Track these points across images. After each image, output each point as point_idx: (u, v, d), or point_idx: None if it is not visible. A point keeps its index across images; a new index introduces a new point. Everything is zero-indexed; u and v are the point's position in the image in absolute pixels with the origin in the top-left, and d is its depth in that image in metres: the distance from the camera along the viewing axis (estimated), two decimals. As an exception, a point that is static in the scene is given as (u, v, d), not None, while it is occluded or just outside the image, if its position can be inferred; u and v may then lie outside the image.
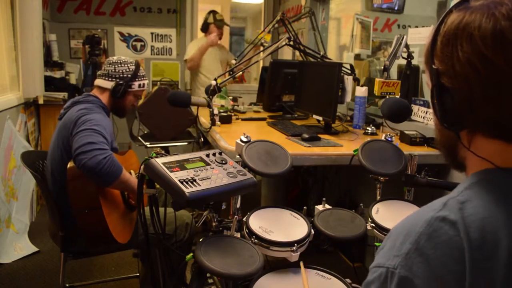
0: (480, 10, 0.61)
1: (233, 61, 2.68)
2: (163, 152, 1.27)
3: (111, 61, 1.98)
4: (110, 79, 1.95)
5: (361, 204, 1.56)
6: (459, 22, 0.63)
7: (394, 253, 0.62)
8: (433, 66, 0.66)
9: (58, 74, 3.99)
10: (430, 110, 2.14)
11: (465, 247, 0.58)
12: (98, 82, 1.98)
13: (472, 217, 0.60)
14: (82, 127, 1.68)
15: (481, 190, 0.63)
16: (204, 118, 2.42)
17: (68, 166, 1.68)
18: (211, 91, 2.11)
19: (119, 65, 1.97)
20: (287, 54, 4.51)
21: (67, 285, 2.28)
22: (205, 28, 4.23)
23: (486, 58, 0.59)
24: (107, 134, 1.73)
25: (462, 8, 0.64)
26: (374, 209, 1.48)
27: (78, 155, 1.60)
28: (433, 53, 0.66)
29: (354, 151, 1.54)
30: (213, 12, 4.25)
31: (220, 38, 4.23)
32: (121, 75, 1.96)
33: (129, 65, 1.99)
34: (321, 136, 2.05)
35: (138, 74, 2.01)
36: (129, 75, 1.97)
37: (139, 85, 2.02)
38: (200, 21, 5.16)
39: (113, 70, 1.96)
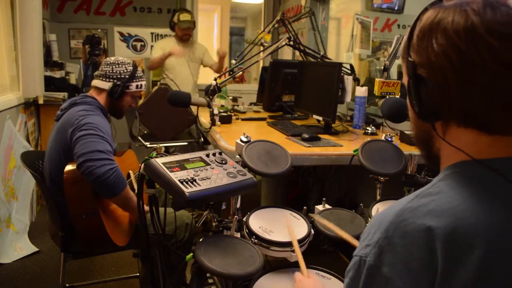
0: (453, 7, 0.66)
1: (233, 61, 2.67)
2: (163, 150, 1.27)
3: (109, 62, 1.96)
4: (107, 80, 1.94)
5: (361, 204, 1.56)
6: (434, 18, 0.67)
7: (366, 242, 0.66)
8: (409, 59, 0.69)
9: (58, 74, 3.99)
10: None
11: (435, 236, 0.59)
12: (96, 82, 1.96)
13: (443, 207, 0.62)
14: (86, 132, 1.67)
15: (454, 181, 0.66)
16: (204, 118, 2.42)
17: (66, 169, 1.67)
18: (211, 91, 2.11)
19: (117, 66, 1.95)
20: (287, 54, 4.51)
21: (67, 285, 2.28)
22: (172, 27, 4.06)
23: (459, 50, 0.63)
24: (110, 140, 1.72)
25: (436, 6, 0.68)
26: (374, 209, 1.48)
27: (85, 162, 1.58)
28: (409, 47, 0.70)
29: (354, 151, 1.54)
30: (180, 10, 4.06)
31: (187, 38, 4.05)
32: (119, 76, 1.94)
33: (126, 65, 1.97)
34: (321, 136, 2.05)
35: (136, 75, 1.99)
36: (127, 76, 1.95)
37: (137, 86, 2.00)
38: (200, 21, 5.16)
39: (111, 71, 1.94)
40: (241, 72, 2.28)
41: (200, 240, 1.20)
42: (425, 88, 0.67)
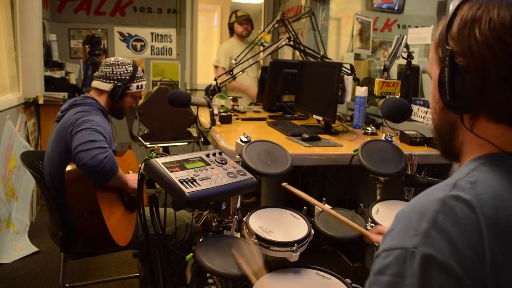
0: (497, 1, 0.65)
1: (233, 61, 2.67)
2: (161, 150, 1.27)
3: (109, 63, 1.95)
4: (108, 81, 1.93)
5: (361, 204, 1.56)
6: (477, 9, 0.66)
7: (411, 233, 0.61)
8: (447, 47, 0.67)
9: (58, 74, 3.99)
10: (430, 110, 2.13)
11: (482, 223, 0.59)
12: (96, 84, 1.96)
13: (484, 196, 0.61)
14: (82, 127, 1.67)
15: (489, 171, 0.65)
16: (204, 118, 2.42)
17: (67, 169, 1.67)
18: (211, 91, 2.11)
19: (117, 67, 1.94)
20: (287, 54, 4.51)
21: (67, 285, 2.28)
22: (231, 29, 4.13)
23: (504, 42, 0.62)
24: (106, 134, 1.72)
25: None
26: (374, 209, 1.48)
27: (78, 153, 1.59)
28: (447, 35, 0.68)
29: (354, 151, 1.54)
30: (235, 12, 4.14)
31: (247, 34, 4.06)
32: (119, 77, 1.94)
33: (127, 66, 1.96)
34: (321, 136, 2.05)
35: (136, 75, 1.98)
36: (127, 77, 1.95)
37: (137, 86, 1.99)
38: (200, 21, 5.16)
39: (111, 72, 1.93)
40: (241, 72, 2.28)
41: (200, 240, 1.20)
42: (460, 78, 0.66)
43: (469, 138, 0.69)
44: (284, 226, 1.36)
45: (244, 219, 1.37)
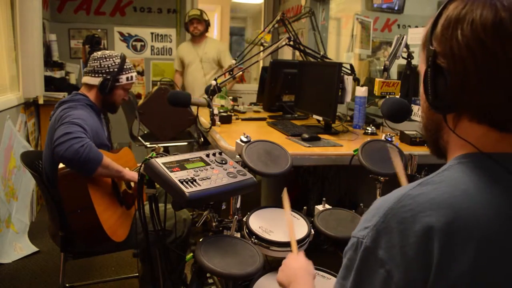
0: (483, 0, 0.64)
1: (233, 61, 2.68)
2: (161, 149, 1.27)
3: (96, 57, 1.93)
4: (96, 75, 1.91)
5: (361, 204, 1.56)
6: (462, 8, 0.65)
7: (364, 224, 0.66)
8: (431, 47, 0.68)
9: (58, 74, 3.99)
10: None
11: (433, 227, 0.60)
12: (85, 79, 1.94)
13: (445, 195, 0.62)
14: (61, 122, 1.68)
15: (458, 171, 0.66)
16: (204, 118, 2.42)
17: (59, 167, 1.67)
18: (211, 91, 2.11)
19: (104, 60, 1.92)
20: (287, 54, 4.51)
21: (67, 285, 2.28)
22: (187, 29, 4.20)
23: (484, 45, 0.62)
24: (86, 125, 1.70)
25: None
26: (374, 209, 1.48)
27: (55, 148, 1.59)
28: (432, 35, 0.68)
29: (354, 151, 1.54)
30: (188, 12, 4.22)
31: (197, 33, 4.11)
32: (107, 70, 1.91)
33: (114, 58, 1.94)
34: (321, 136, 2.05)
35: (125, 67, 1.96)
36: (116, 69, 1.92)
37: (127, 78, 1.97)
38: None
39: (99, 66, 1.91)
40: (241, 72, 2.28)
41: (200, 240, 1.20)
42: (442, 79, 0.66)
43: (453, 137, 0.70)
44: (284, 226, 1.36)
45: (244, 219, 1.37)
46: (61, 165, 1.67)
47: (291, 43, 2.41)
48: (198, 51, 4.16)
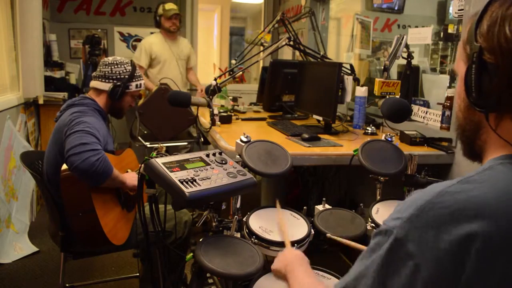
0: None
1: (233, 61, 2.67)
2: (164, 149, 1.27)
3: (107, 62, 1.94)
4: (107, 80, 1.93)
5: (361, 204, 1.56)
6: (508, 6, 0.65)
7: (397, 215, 0.65)
8: (476, 43, 0.66)
9: (58, 74, 3.99)
10: (430, 110, 2.13)
11: (476, 230, 0.57)
12: (94, 84, 1.95)
13: (488, 195, 0.60)
14: (75, 129, 1.67)
15: (500, 172, 0.64)
16: (204, 118, 2.42)
17: (62, 168, 1.67)
18: (211, 91, 2.11)
19: (116, 66, 1.94)
20: (287, 54, 4.51)
21: (67, 285, 2.28)
22: (157, 22, 3.91)
23: None
24: (100, 136, 1.71)
25: None
26: (374, 209, 1.48)
27: (70, 157, 1.58)
28: (476, 32, 0.67)
29: (354, 151, 1.54)
30: (163, 2, 3.89)
31: (176, 30, 3.89)
32: (118, 77, 1.93)
33: (125, 65, 1.96)
34: (321, 136, 2.05)
35: (135, 74, 1.98)
36: (126, 76, 1.94)
37: (137, 85, 1.99)
38: (200, 21, 5.16)
39: (110, 72, 1.93)
40: (241, 72, 2.28)
41: (200, 240, 1.20)
42: (487, 76, 0.65)
43: (493, 137, 0.68)
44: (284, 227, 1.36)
45: (244, 219, 1.37)
46: (63, 167, 1.67)
47: (291, 43, 2.40)
48: (173, 49, 3.96)
